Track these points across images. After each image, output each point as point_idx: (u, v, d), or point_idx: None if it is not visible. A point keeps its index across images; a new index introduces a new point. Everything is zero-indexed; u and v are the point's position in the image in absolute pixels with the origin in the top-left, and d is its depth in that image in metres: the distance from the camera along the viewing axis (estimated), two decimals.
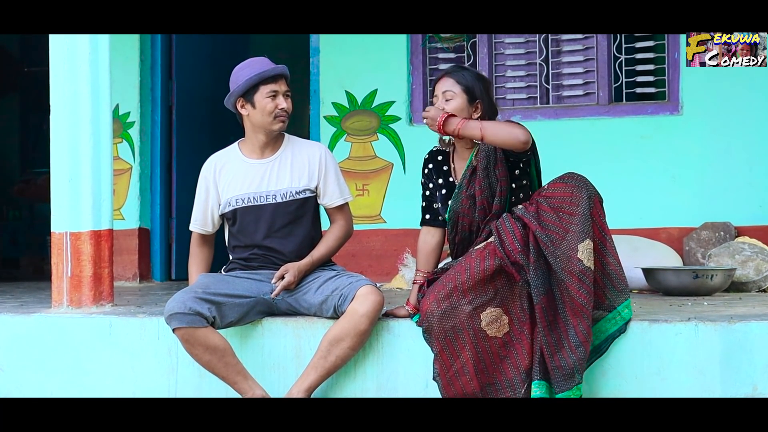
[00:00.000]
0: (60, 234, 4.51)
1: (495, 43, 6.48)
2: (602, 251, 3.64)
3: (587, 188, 3.64)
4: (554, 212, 3.63)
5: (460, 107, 3.84)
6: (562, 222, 3.60)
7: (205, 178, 4.16)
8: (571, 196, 3.62)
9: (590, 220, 3.59)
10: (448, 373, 3.68)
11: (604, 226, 3.65)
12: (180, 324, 3.75)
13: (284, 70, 4.06)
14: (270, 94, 4.00)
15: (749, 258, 5.32)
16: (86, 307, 4.46)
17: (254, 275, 4.04)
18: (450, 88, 3.86)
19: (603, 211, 3.67)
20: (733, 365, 3.60)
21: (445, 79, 3.90)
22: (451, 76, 3.89)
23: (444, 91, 3.87)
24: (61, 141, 4.53)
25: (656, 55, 6.25)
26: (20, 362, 4.33)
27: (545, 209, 3.65)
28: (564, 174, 3.73)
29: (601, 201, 3.68)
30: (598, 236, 3.63)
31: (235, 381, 3.85)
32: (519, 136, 3.68)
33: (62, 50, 4.52)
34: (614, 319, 3.67)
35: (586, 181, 3.66)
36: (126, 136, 6.81)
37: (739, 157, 5.98)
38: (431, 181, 4.00)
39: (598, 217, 3.64)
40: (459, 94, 3.85)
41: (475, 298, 3.64)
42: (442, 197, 3.96)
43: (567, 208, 3.61)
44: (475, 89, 3.87)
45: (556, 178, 3.74)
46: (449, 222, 3.93)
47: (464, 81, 3.87)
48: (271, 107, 4.00)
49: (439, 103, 3.86)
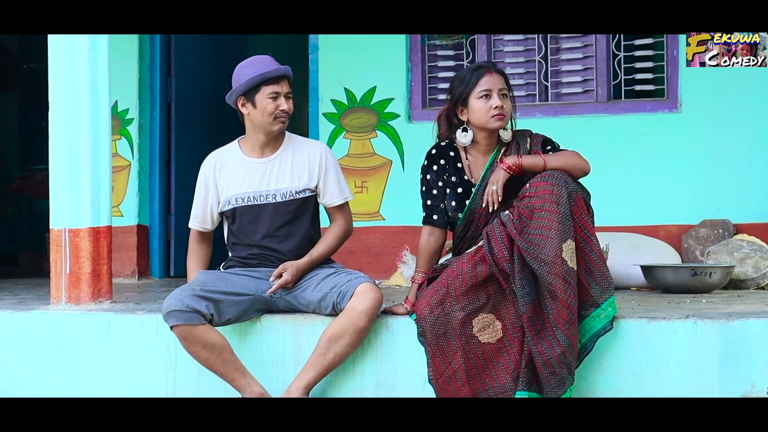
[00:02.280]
0: (59, 231, 4.51)
1: (494, 41, 6.48)
2: (584, 249, 3.58)
3: (567, 186, 3.59)
4: (536, 213, 3.56)
5: (511, 107, 3.87)
6: (543, 222, 3.54)
7: (205, 176, 4.16)
8: (552, 194, 3.56)
9: (571, 220, 3.55)
10: (440, 379, 3.67)
11: (586, 224, 3.60)
12: (178, 321, 3.75)
13: (287, 71, 4.04)
14: (271, 95, 3.99)
15: (748, 255, 5.32)
16: (85, 304, 4.46)
17: (253, 273, 4.03)
18: (504, 85, 3.85)
19: (585, 208, 3.63)
20: (732, 363, 3.60)
21: (494, 75, 3.84)
22: (499, 72, 3.88)
23: (500, 88, 3.82)
24: (59, 137, 4.53)
25: (655, 53, 6.24)
26: (19, 359, 4.33)
27: (525, 214, 3.59)
28: (545, 172, 3.68)
29: (585, 197, 3.64)
30: (580, 234, 3.57)
31: (234, 378, 3.85)
32: (586, 168, 3.73)
33: (61, 47, 4.53)
34: (599, 317, 3.62)
35: (566, 179, 3.61)
36: (125, 133, 6.81)
37: (737, 154, 5.98)
38: (441, 179, 3.90)
39: (580, 215, 3.58)
40: (509, 93, 3.86)
41: (467, 305, 3.62)
42: (457, 196, 3.88)
43: (548, 207, 3.55)
44: (511, 89, 3.92)
45: (538, 176, 3.68)
46: (462, 221, 3.87)
47: (508, 81, 3.89)
48: (272, 108, 4.00)
49: (496, 99, 3.79)
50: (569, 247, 3.52)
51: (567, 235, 3.52)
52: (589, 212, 3.66)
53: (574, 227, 3.55)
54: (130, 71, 6.78)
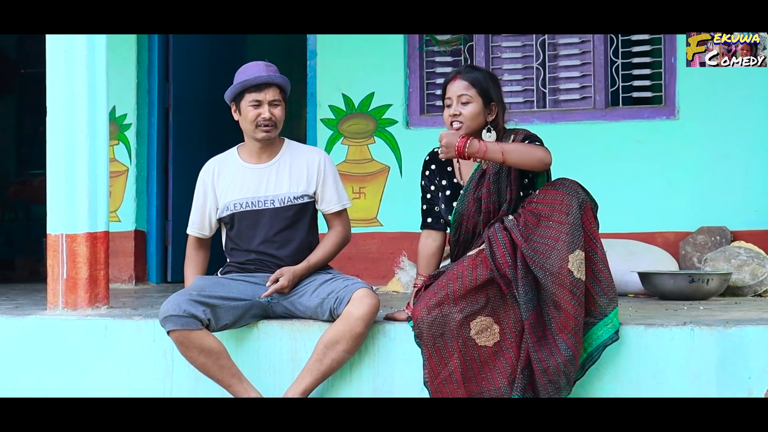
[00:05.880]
0: (56, 236, 4.51)
1: (492, 47, 6.49)
2: (593, 259, 3.55)
3: (578, 196, 3.55)
4: (543, 221, 3.54)
5: (477, 111, 3.77)
6: (551, 231, 3.51)
7: (204, 182, 4.16)
8: (562, 204, 3.53)
9: (581, 230, 3.51)
10: (436, 380, 3.65)
11: (595, 234, 3.56)
12: (175, 326, 3.74)
13: (272, 78, 4.02)
14: (253, 102, 4.00)
15: (745, 262, 5.32)
16: (82, 309, 4.46)
17: (250, 278, 4.03)
18: (465, 91, 3.76)
19: (594, 218, 3.59)
20: (729, 370, 3.60)
21: (457, 80, 3.79)
22: (464, 77, 3.78)
23: (459, 95, 3.76)
24: (57, 142, 4.53)
25: (653, 60, 6.26)
26: (15, 364, 4.33)
27: (532, 222, 3.57)
28: (555, 180, 3.67)
29: (593, 208, 3.60)
30: (589, 244, 3.53)
31: (230, 384, 3.85)
32: (543, 159, 3.63)
33: (59, 52, 4.53)
34: (606, 326, 3.60)
35: (577, 188, 3.58)
36: (122, 138, 6.81)
37: (735, 161, 5.99)
38: (433, 183, 3.94)
39: (589, 225, 3.54)
40: (474, 98, 3.76)
41: (465, 307, 3.60)
42: (446, 199, 3.89)
43: (557, 217, 3.52)
44: (490, 91, 3.78)
45: (548, 184, 3.68)
46: (453, 224, 3.88)
47: (479, 83, 3.76)
48: (253, 116, 4.00)
49: (453, 108, 3.76)
50: (578, 258, 3.48)
51: (576, 246, 3.48)
52: (597, 222, 3.62)
53: (584, 237, 3.52)
54: (128, 76, 6.78)
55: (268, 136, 4.04)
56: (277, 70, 4.10)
